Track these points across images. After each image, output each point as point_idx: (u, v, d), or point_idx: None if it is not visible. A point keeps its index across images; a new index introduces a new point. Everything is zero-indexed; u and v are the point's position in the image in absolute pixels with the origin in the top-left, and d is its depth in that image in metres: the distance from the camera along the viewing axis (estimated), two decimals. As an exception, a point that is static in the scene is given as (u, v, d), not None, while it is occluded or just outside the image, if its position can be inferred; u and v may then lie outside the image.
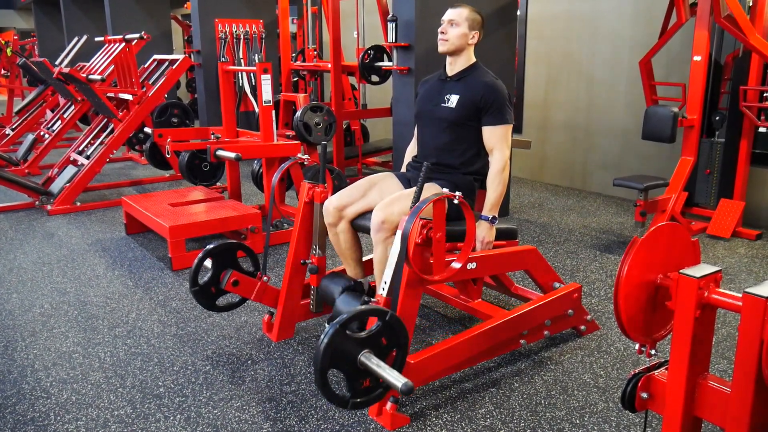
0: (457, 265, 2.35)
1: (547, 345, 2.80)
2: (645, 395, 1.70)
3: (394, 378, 1.87)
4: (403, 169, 2.99)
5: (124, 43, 5.61)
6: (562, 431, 2.18)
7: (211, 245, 2.64)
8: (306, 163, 3.36)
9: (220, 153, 3.93)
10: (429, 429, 2.20)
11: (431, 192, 2.61)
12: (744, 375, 1.47)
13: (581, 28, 5.73)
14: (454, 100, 2.68)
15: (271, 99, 4.29)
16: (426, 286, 2.69)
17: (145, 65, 6.29)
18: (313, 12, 8.30)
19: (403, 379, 1.87)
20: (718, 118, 4.56)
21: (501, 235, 2.72)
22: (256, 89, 5.94)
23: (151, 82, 5.90)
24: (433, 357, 2.33)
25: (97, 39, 6.38)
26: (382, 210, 2.45)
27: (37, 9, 13.85)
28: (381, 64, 5.77)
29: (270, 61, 4.61)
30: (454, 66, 2.74)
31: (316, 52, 7.93)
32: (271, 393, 2.44)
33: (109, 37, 6.02)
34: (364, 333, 1.97)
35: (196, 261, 2.62)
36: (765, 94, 4.27)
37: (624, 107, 5.48)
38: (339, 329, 1.88)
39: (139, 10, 9.07)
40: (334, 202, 2.66)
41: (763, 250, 4.07)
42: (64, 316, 3.17)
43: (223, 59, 6.66)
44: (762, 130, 4.33)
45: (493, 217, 2.59)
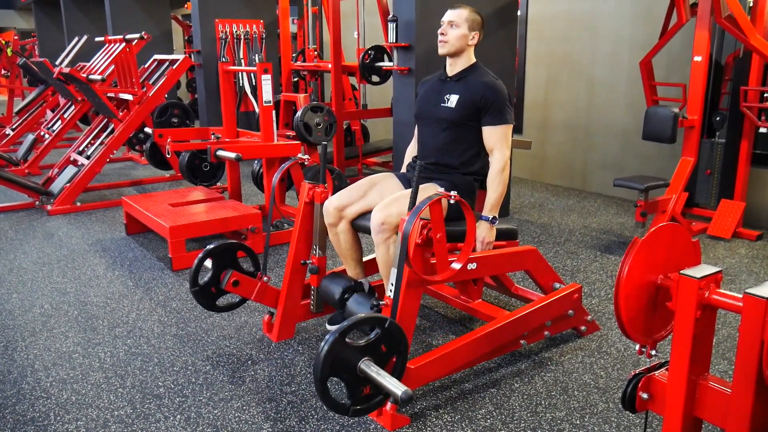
0: (457, 266, 2.35)
1: (548, 345, 2.80)
2: (645, 396, 1.70)
3: (394, 386, 1.88)
4: (403, 169, 2.99)
5: (124, 43, 5.61)
6: (563, 431, 2.18)
7: (212, 245, 2.64)
8: (306, 163, 3.36)
9: (221, 153, 3.93)
10: (429, 429, 2.19)
11: (430, 192, 2.61)
12: (744, 376, 1.46)
13: (581, 28, 5.73)
14: (453, 100, 2.67)
15: (271, 99, 4.29)
16: (426, 286, 2.69)
17: (146, 65, 6.30)
18: (313, 12, 8.30)
19: (403, 387, 1.87)
20: (718, 119, 4.56)
21: (501, 235, 2.72)
22: (256, 89, 5.93)
23: (151, 82, 5.90)
24: (433, 362, 2.32)
25: (97, 39, 6.38)
26: (381, 211, 2.45)
27: (38, 9, 13.86)
28: (381, 64, 5.77)
29: (270, 62, 4.61)
30: (454, 66, 2.74)
31: (316, 53, 7.94)
32: (271, 393, 2.44)
33: (109, 37, 6.02)
34: (364, 341, 1.97)
35: (196, 261, 2.62)
36: (765, 95, 4.27)
37: (624, 108, 5.48)
38: (338, 338, 1.88)
39: (139, 10, 9.07)
40: (335, 202, 2.67)
41: (764, 251, 4.07)
42: (64, 316, 3.17)
43: (224, 59, 6.65)
44: (762, 130, 4.32)
45: (494, 218, 2.59)
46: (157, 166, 6.12)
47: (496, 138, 2.62)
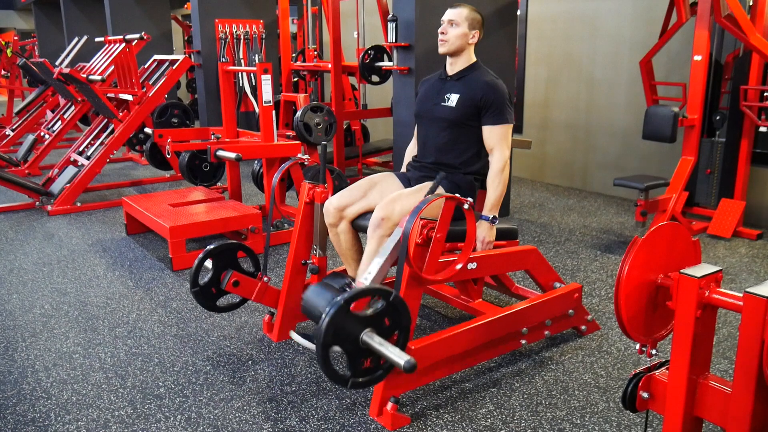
0: (458, 266, 2.35)
1: (548, 345, 2.80)
2: (646, 395, 1.70)
3: (397, 356, 1.86)
4: (403, 169, 2.98)
5: (124, 44, 5.61)
6: (563, 431, 2.18)
7: (212, 246, 2.64)
8: (306, 163, 3.36)
9: (221, 153, 3.93)
10: (429, 429, 2.19)
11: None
12: (745, 375, 1.46)
13: (581, 28, 5.73)
14: (454, 100, 2.67)
15: (271, 99, 4.29)
16: (426, 286, 2.69)
17: (146, 65, 6.30)
18: (313, 12, 8.30)
19: (406, 356, 1.86)
20: (718, 118, 4.56)
21: (501, 235, 2.72)
22: (256, 89, 5.94)
23: (151, 82, 5.90)
24: (435, 344, 2.32)
25: (97, 39, 6.38)
26: (383, 208, 2.46)
27: (38, 9, 13.85)
28: (381, 64, 5.76)
29: (270, 62, 4.61)
30: (454, 66, 2.74)
31: (316, 53, 7.93)
32: (272, 393, 2.44)
33: (109, 38, 6.02)
34: (369, 311, 1.96)
35: (196, 261, 2.62)
36: (765, 94, 4.27)
37: (624, 107, 5.48)
38: (343, 306, 1.87)
39: (139, 11, 9.07)
40: (335, 202, 2.66)
41: (764, 250, 4.07)
42: (65, 317, 3.18)
43: (224, 59, 6.66)
44: (763, 129, 4.32)
45: (494, 217, 2.59)
46: (157, 167, 6.12)
47: (496, 138, 2.62)
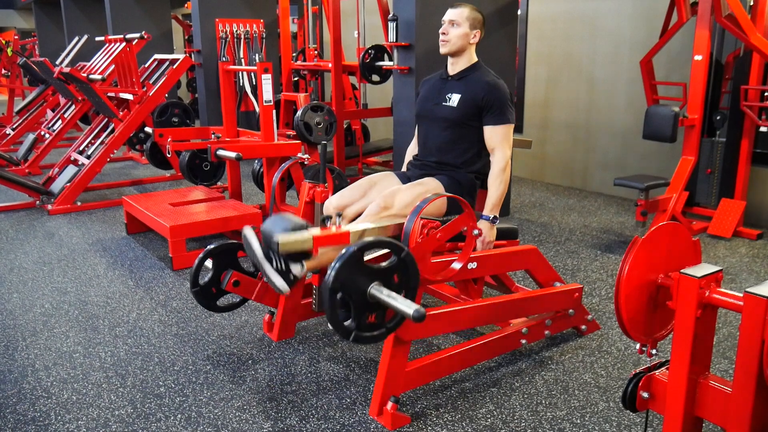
0: (458, 265, 2.35)
1: (548, 345, 2.80)
2: (646, 395, 1.70)
3: (406, 306, 1.86)
4: (403, 168, 2.99)
5: (124, 43, 5.61)
6: (563, 431, 2.18)
7: (212, 245, 2.64)
8: (306, 162, 3.37)
9: (221, 152, 3.93)
10: (430, 429, 2.20)
11: (432, 186, 2.62)
12: (745, 375, 1.46)
13: (582, 27, 5.73)
14: (455, 100, 2.68)
15: (271, 99, 4.29)
16: (427, 285, 2.69)
17: (146, 65, 6.30)
18: (313, 11, 8.30)
19: (415, 305, 1.86)
20: (719, 118, 4.56)
21: (502, 234, 2.72)
22: (256, 89, 5.94)
23: (151, 81, 5.90)
24: (432, 318, 2.31)
25: (97, 39, 6.38)
26: (384, 198, 2.48)
27: (38, 9, 13.85)
28: (381, 63, 5.76)
29: (270, 61, 4.61)
30: (455, 65, 2.74)
31: (316, 52, 7.93)
32: (272, 393, 2.44)
33: (109, 37, 6.02)
34: (385, 264, 1.97)
35: (196, 261, 2.62)
36: (766, 94, 4.27)
37: (625, 107, 5.48)
38: (356, 252, 1.88)
39: (139, 10, 9.07)
40: (335, 201, 2.67)
41: (764, 250, 4.07)
42: (65, 316, 3.18)
43: (224, 59, 6.66)
44: (763, 129, 4.32)
45: (494, 217, 2.59)
46: (158, 166, 6.12)
47: (497, 138, 2.62)
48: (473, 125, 2.67)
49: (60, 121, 7.11)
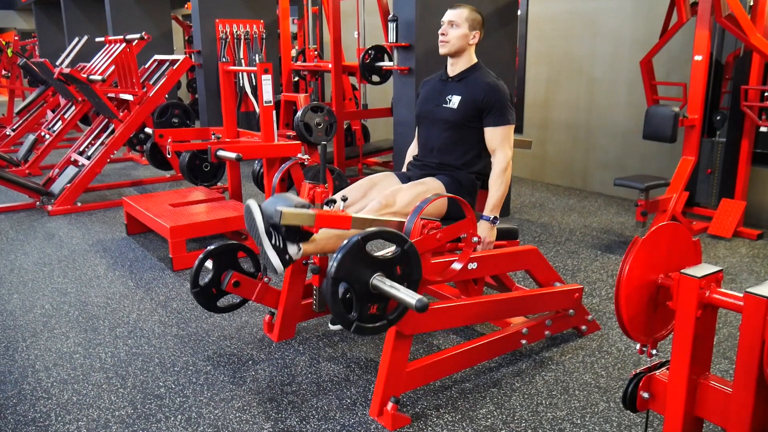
0: (458, 266, 2.35)
1: (548, 345, 2.80)
2: (646, 395, 1.70)
3: (409, 296, 1.86)
4: (404, 168, 2.99)
5: (124, 44, 5.61)
6: (563, 431, 2.18)
7: (212, 246, 2.64)
8: (306, 163, 3.37)
9: (221, 153, 3.93)
10: (430, 429, 2.19)
11: (433, 185, 2.62)
12: (745, 375, 1.46)
13: (582, 27, 5.73)
14: (455, 101, 2.68)
15: (271, 99, 4.29)
16: (427, 286, 2.69)
17: (146, 65, 6.30)
18: (313, 12, 8.31)
19: (417, 296, 1.86)
20: (719, 118, 4.55)
21: (502, 235, 2.72)
22: (256, 89, 5.94)
23: (151, 82, 5.90)
24: (436, 312, 2.32)
25: (97, 39, 6.38)
26: (385, 196, 2.49)
27: (38, 9, 13.86)
28: (381, 64, 5.77)
29: (270, 62, 4.61)
30: (455, 66, 2.74)
31: (316, 52, 7.94)
32: (272, 393, 2.44)
33: (109, 38, 6.02)
34: (389, 254, 1.98)
35: (196, 262, 2.62)
36: (766, 94, 4.27)
37: (625, 107, 5.48)
38: (360, 241, 1.89)
39: (139, 11, 9.07)
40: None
41: (765, 250, 4.07)
42: (65, 317, 3.18)
43: (224, 59, 6.66)
44: (763, 129, 4.32)
45: (495, 218, 2.59)
46: (158, 167, 6.12)
47: (498, 139, 2.63)
48: (474, 126, 2.67)
49: (60, 122, 7.11)
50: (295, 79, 7.44)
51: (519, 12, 5.50)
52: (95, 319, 3.15)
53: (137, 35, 5.60)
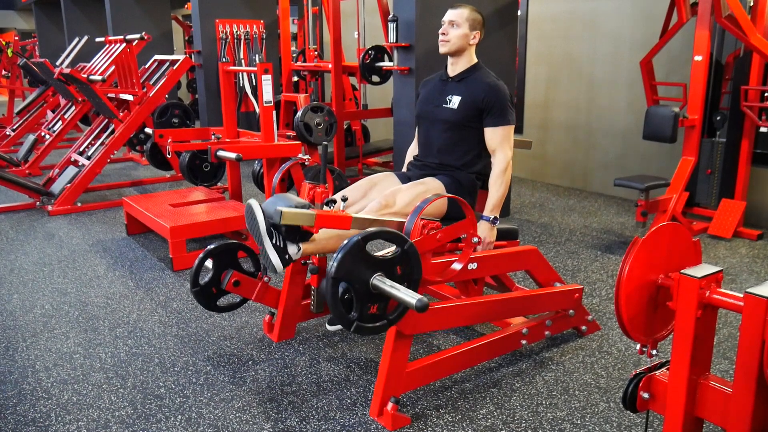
0: (458, 266, 2.35)
1: (548, 345, 2.80)
2: (646, 395, 1.70)
3: (409, 296, 1.87)
4: (404, 169, 2.99)
5: (124, 44, 5.61)
6: (563, 431, 2.18)
7: (212, 246, 2.64)
8: (307, 163, 3.36)
9: (221, 153, 3.93)
10: (430, 429, 2.19)
11: (433, 186, 2.62)
12: (745, 375, 1.46)
13: (582, 28, 5.73)
14: (455, 101, 2.68)
15: (271, 99, 4.29)
16: (427, 286, 2.69)
17: (146, 66, 6.30)
18: (313, 12, 8.30)
19: (417, 296, 1.86)
20: (719, 118, 4.56)
21: (502, 235, 2.72)
22: (256, 90, 5.94)
23: (151, 82, 5.90)
24: (433, 312, 2.31)
25: (97, 39, 6.38)
26: (385, 197, 2.49)
27: (38, 9, 13.86)
28: (382, 64, 5.77)
29: (271, 62, 4.61)
30: (455, 67, 2.74)
31: (316, 53, 7.94)
32: (272, 393, 2.44)
33: (109, 38, 6.02)
34: (390, 254, 1.98)
35: (196, 261, 2.62)
36: (766, 94, 4.27)
37: (625, 107, 5.48)
38: (360, 241, 1.89)
39: (139, 11, 9.07)
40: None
41: (765, 250, 4.07)
42: (65, 317, 3.18)
43: (224, 60, 6.66)
44: (763, 129, 4.32)
45: (495, 218, 2.59)
46: (158, 167, 6.12)
47: (498, 139, 2.63)
48: (474, 127, 2.67)
49: (60, 122, 7.11)
50: (295, 79, 7.44)
51: (519, 12, 5.50)
52: (95, 319, 3.15)
53: (137, 35, 5.60)
